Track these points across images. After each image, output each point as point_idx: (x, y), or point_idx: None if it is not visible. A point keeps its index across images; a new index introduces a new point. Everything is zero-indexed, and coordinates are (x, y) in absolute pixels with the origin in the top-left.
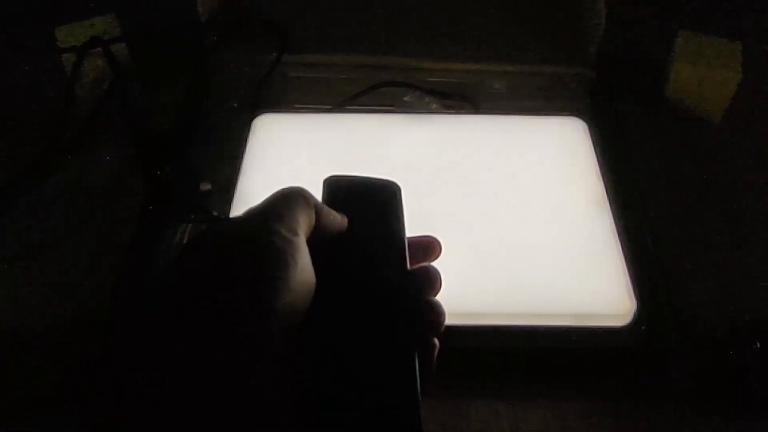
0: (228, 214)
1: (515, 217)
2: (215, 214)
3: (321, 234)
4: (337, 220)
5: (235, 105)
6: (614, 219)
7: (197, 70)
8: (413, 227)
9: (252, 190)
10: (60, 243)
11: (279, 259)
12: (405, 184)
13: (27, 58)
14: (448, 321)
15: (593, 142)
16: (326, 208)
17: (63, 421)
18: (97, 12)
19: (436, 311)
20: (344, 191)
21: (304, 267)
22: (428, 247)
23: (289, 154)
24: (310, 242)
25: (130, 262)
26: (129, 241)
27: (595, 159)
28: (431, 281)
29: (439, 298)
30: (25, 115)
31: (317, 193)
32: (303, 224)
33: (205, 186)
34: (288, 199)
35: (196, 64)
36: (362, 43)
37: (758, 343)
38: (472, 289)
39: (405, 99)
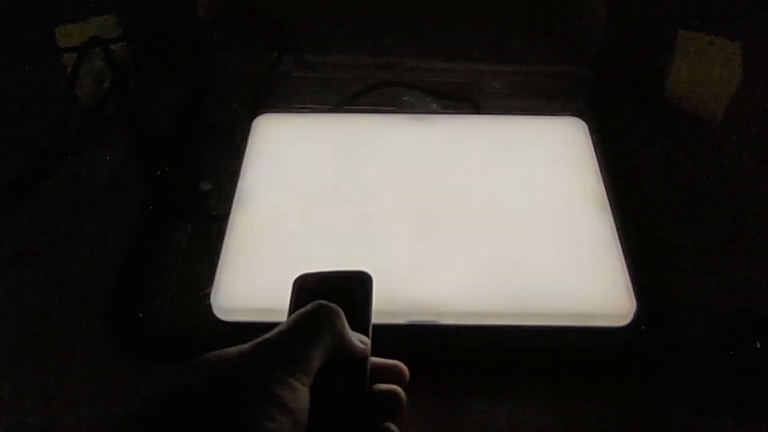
0: (228, 214)
1: (515, 216)
2: (215, 213)
3: (337, 356)
4: (358, 349)
5: (235, 105)
6: (614, 219)
7: (197, 70)
8: (413, 228)
9: (252, 190)
10: (60, 243)
11: (277, 412)
12: (405, 184)
13: (27, 58)
14: (449, 321)
15: (593, 142)
16: (349, 335)
17: None
18: (97, 12)
19: None
20: (311, 292)
21: (301, 417)
22: (397, 373)
23: (289, 154)
24: None
25: (130, 263)
26: (129, 241)
27: (595, 159)
28: (393, 407)
29: (439, 297)
30: (25, 115)
31: (314, 192)
32: (317, 364)
33: (205, 186)
34: (313, 329)
35: (197, 64)
36: (362, 43)
37: (758, 343)
38: (472, 289)
39: (405, 99)
